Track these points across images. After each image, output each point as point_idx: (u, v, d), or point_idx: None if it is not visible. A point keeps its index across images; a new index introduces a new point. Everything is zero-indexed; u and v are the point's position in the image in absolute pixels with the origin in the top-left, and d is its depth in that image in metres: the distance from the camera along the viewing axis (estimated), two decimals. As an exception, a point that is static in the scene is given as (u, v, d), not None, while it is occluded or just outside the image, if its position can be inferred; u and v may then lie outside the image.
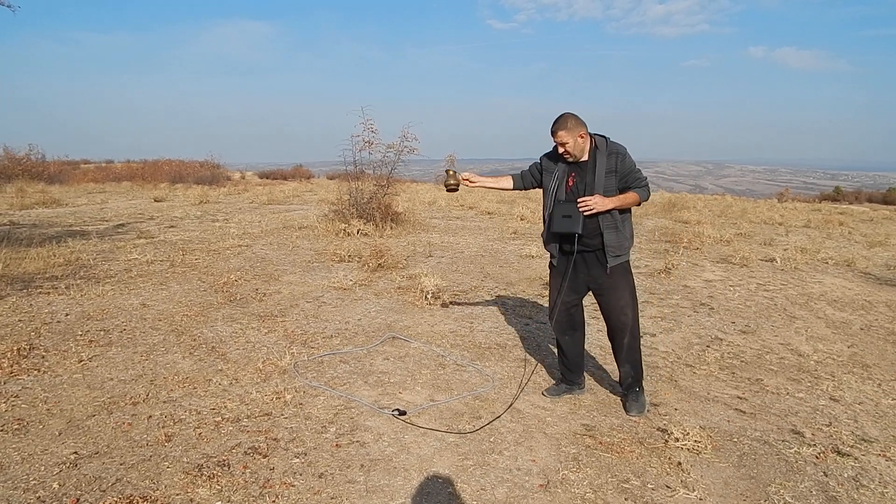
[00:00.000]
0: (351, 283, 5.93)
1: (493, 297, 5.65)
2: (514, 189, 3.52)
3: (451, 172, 3.37)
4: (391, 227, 9.57)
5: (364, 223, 9.31)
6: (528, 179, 3.45)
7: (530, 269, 6.93)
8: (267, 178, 29.77)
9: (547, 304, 3.78)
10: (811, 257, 8.14)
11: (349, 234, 8.89)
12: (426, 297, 5.35)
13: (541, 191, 3.37)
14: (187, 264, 6.66)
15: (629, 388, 3.34)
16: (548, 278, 3.51)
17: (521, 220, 11.40)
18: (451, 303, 5.34)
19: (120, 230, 9.21)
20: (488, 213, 12.72)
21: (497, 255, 7.85)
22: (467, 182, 3.44)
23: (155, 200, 14.30)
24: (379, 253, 6.78)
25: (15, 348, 3.80)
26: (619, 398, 3.44)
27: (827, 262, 7.94)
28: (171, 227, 9.76)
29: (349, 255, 7.15)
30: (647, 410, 3.30)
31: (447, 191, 3.42)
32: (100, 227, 9.55)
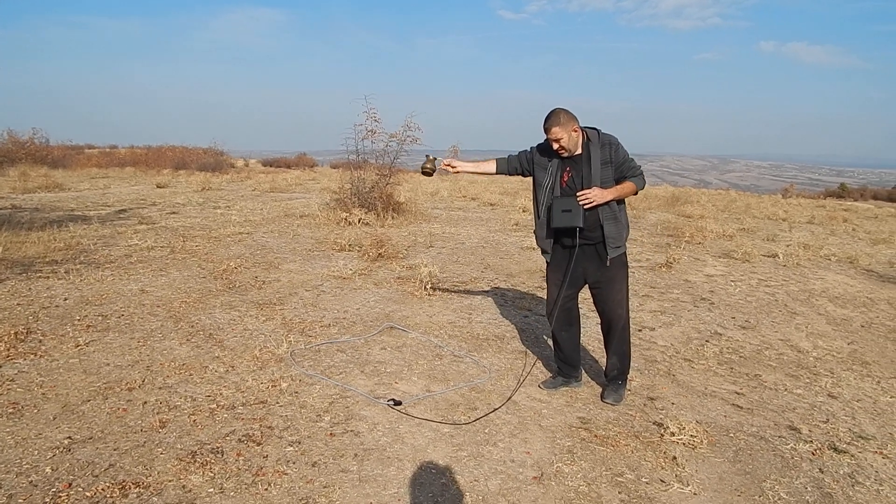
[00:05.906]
0: (350, 272, 5.92)
1: (493, 289, 5.63)
2: (496, 173, 3.44)
3: (429, 157, 3.41)
4: (392, 217, 9.55)
5: (365, 212, 9.29)
6: (513, 165, 3.37)
7: (531, 260, 6.90)
8: (270, 166, 29.70)
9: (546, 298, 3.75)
10: (814, 254, 8.10)
11: (350, 224, 8.87)
12: (425, 287, 5.34)
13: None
14: (187, 251, 6.66)
15: (613, 380, 3.36)
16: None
17: (524, 211, 11.35)
18: (446, 289, 5.33)
19: (121, 216, 9.20)
20: (491, 205, 12.68)
21: (498, 246, 7.83)
22: (448, 167, 3.37)
23: (157, 186, 14.29)
24: (379, 242, 6.76)
25: (12, 332, 3.80)
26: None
27: (830, 259, 7.89)
28: (173, 213, 9.75)
29: (350, 245, 7.14)
30: (623, 401, 3.32)
31: (422, 174, 3.47)
32: (101, 212, 9.55)
